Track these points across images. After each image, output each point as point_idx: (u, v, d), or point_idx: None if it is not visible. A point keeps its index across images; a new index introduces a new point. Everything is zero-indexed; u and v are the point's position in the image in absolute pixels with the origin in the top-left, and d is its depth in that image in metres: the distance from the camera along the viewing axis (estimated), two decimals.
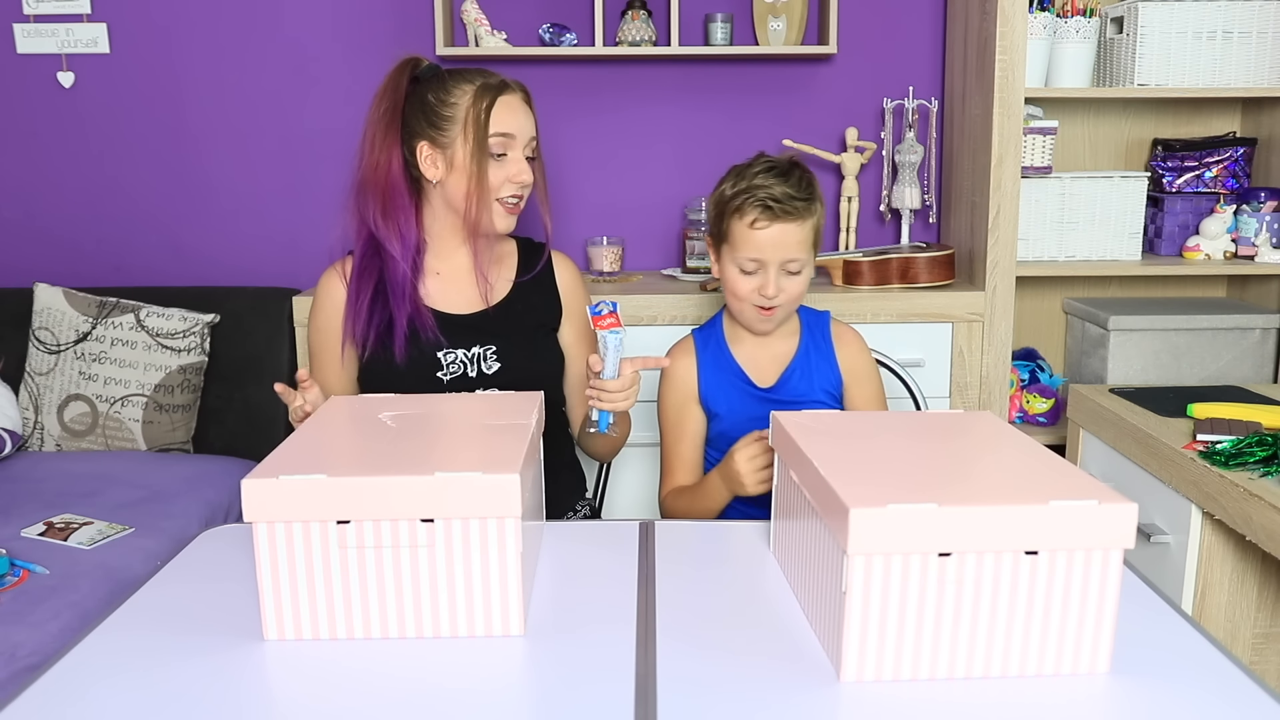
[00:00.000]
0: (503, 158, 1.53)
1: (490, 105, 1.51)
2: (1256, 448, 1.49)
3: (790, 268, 1.50)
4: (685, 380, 1.60)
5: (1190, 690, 0.86)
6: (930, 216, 2.52)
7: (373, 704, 0.84)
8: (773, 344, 1.60)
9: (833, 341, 1.61)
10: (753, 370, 1.59)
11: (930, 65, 2.49)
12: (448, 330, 1.56)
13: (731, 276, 1.53)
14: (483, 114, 1.51)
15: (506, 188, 1.54)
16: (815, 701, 0.84)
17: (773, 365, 1.59)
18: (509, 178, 1.53)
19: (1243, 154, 2.41)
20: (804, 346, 1.60)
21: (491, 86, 1.52)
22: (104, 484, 2.01)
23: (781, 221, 1.48)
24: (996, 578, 0.85)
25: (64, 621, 1.53)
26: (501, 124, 1.52)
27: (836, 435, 1.04)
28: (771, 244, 1.48)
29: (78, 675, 0.89)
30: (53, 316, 2.27)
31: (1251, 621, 1.64)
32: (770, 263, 1.49)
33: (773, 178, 1.49)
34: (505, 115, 1.52)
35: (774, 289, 1.49)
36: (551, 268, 1.67)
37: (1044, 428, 2.37)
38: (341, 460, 0.96)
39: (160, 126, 2.50)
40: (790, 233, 1.49)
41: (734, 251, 1.52)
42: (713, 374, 1.59)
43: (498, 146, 1.52)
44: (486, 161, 1.51)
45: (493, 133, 1.51)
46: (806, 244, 1.51)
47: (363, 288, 1.55)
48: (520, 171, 1.54)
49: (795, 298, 1.53)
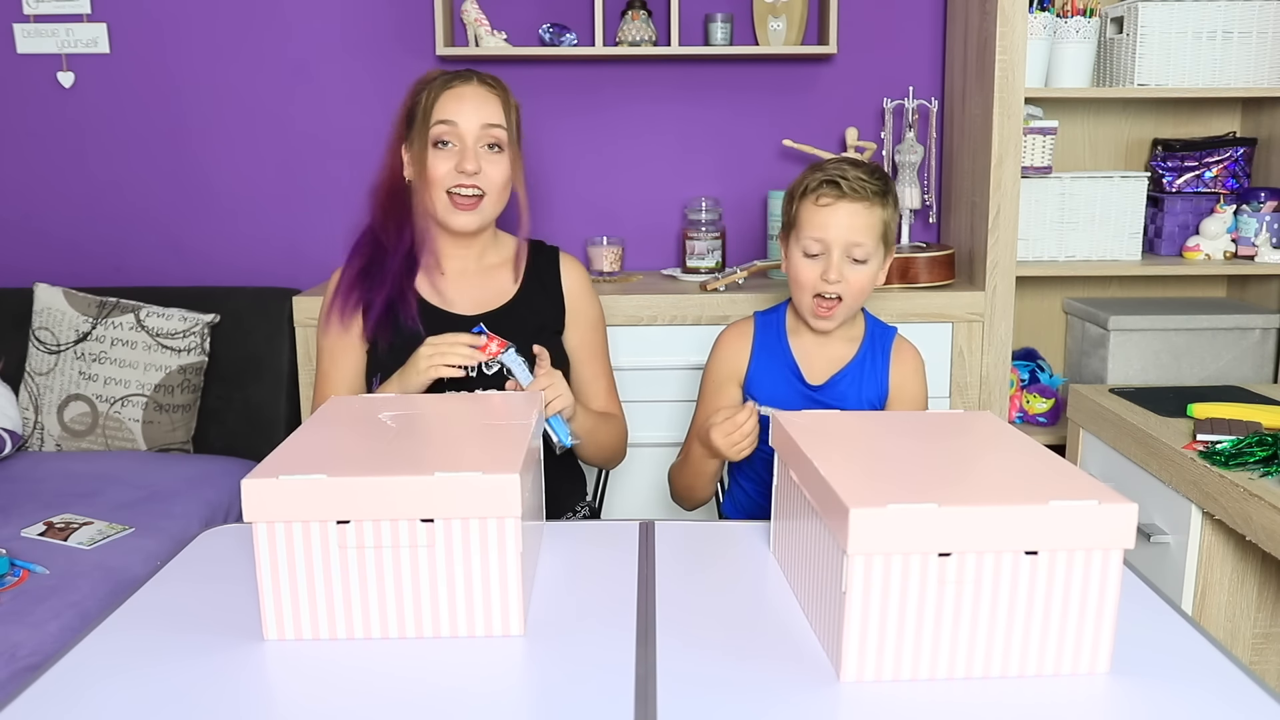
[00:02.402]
0: (445, 147, 1.50)
1: (435, 96, 1.50)
2: (1256, 448, 1.49)
3: (855, 254, 1.47)
4: (734, 361, 1.59)
5: (1190, 690, 0.86)
6: (930, 216, 2.52)
7: (373, 704, 0.84)
8: (831, 345, 1.57)
9: (890, 356, 1.58)
10: (805, 365, 1.57)
11: (930, 65, 2.49)
12: (450, 330, 1.54)
13: (795, 262, 1.51)
14: (425, 103, 1.50)
15: (450, 178, 1.50)
16: (815, 701, 0.84)
17: (827, 365, 1.57)
18: (454, 167, 1.50)
19: (1243, 154, 2.41)
20: (862, 353, 1.57)
21: (446, 77, 1.52)
22: (104, 484, 2.01)
23: (849, 201, 1.46)
24: (996, 578, 0.85)
25: (64, 621, 1.53)
26: (444, 112, 1.50)
27: (836, 435, 1.04)
28: (836, 223, 1.46)
29: (78, 675, 0.89)
30: (53, 316, 2.27)
31: (1251, 621, 1.64)
32: (834, 244, 1.46)
33: (847, 164, 1.49)
34: (449, 103, 1.50)
35: (836, 274, 1.46)
36: (559, 271, 1.66)
37: (1044, 428, 2.37)
38: (341, 460, 0.96)
39: (160, 126, 2.50)
40: (857, 214, 1.46)
41: (799, 235, 1.50)
42: (764, 360, 1.58)
43: (439, 135, 1.50)
44: (427, 152, 1.50)
45: (435, 121, 1.49)
46: (874, 233, 1.48)
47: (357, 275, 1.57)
48: (464, 161, 1.49)
49: (858, 293, 1.49)
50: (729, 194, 2.52)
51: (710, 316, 2.17)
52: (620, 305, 2.15)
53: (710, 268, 2.39)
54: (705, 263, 2.39)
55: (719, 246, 2.41)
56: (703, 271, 2.38)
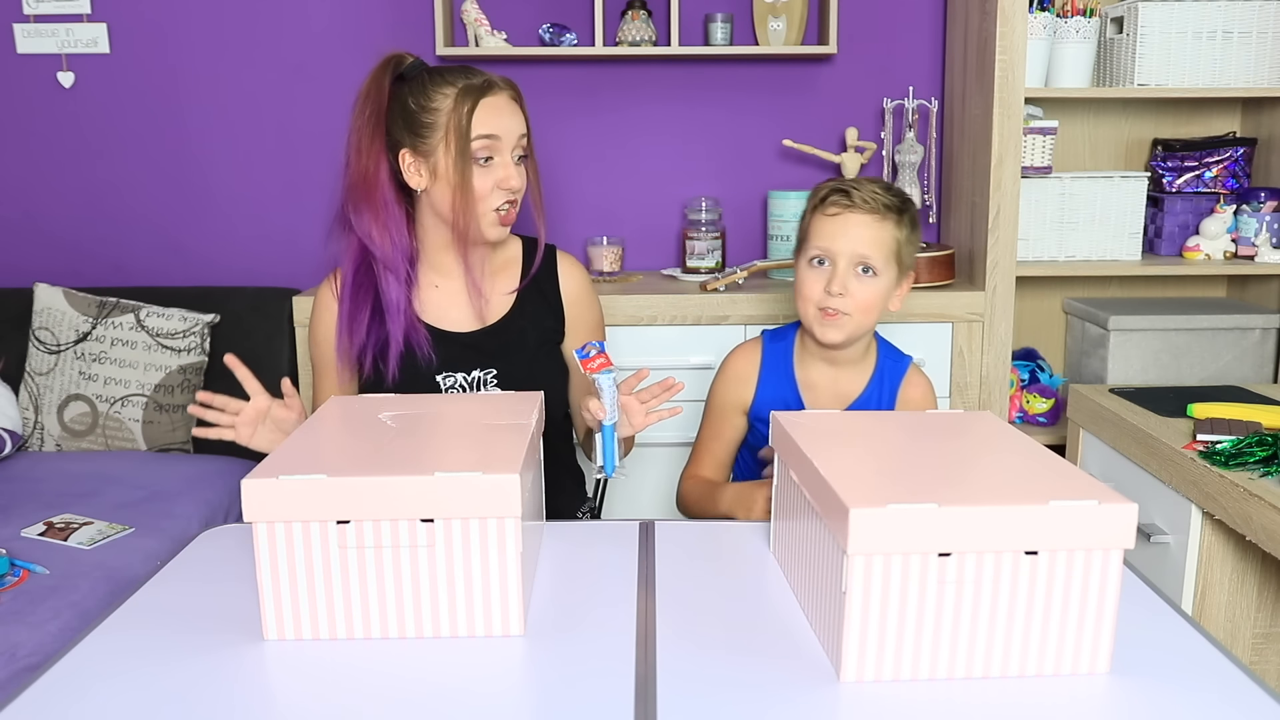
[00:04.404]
0: (489, 162, 1.44)
1: (472, 109, 1.42)
2: (1256, 448, 1.49)
3: (862, 265, 1.42)
4: (741, 390, 1.53)
5: (1190, 690, 0.86)
6: (930, 216, 2.52)
7: (373, 704, 0.84)
8: (841, 381, 1.51)
9: (899, 392, 1.51)
10: (811, 401, 1.51)
11: (930, 65, 2.49)
12: (447, 350, 1.51)
13: (801, 274, 1.46)
14: (464, 119, 1.41)
15: (495, 195, 1.45)
16: (815, 701, 0.84)
17: (834, 401, 1.51)
18: (497, 184, 1.44)
19: (1243, 154, 2.41)
20: (870, 389, 1.51)
21: (474, 88, 1.43)
22: (104, 484, 2.01)
23: (859, 212, 1.41)
24: (996, 578, 0.85)
25: (64, 621, 1.53)
26: (485, 126, 1.42)
27: (836, 435, 1.04)
28: (844, 233, 1.41)
29: (78, 675, 0.89)
30: (53, 316, 2.27)
31: (1251, 621, 1.64)
32: (840, 255, 1.41)
33: (866, 180, 1.45)
34: (489, 117, 1.43)
35: (840, 285, 1.40)
36: (556, 273, 1.60)
37: (1044, 428, 2.37)
38: (341, 460, 0.96)
39: (160, 126, 2.50)
40: (866, 225, 1.41)
41: (807, 246, 1.46)
42: (771, 391, 1.52)
43: (482, 150, 1.43)
44: (470, 169, 1.43)
45: (475, 135, 1.42)
46: (883, 248, 1.42)
47: (357, 306, 1.49)
48: (509, 176, 1.45)
49: (864, 308, 1.42)
50: (729, 194, 2.52)
51: (710, 316, 2.17)
52: (620, 305, 2.15)
53: (710, 268, 2.39)
54: (705, 263, 2.39)
55: (719, 246, 2.41)
56: (703, 271, 2.38)
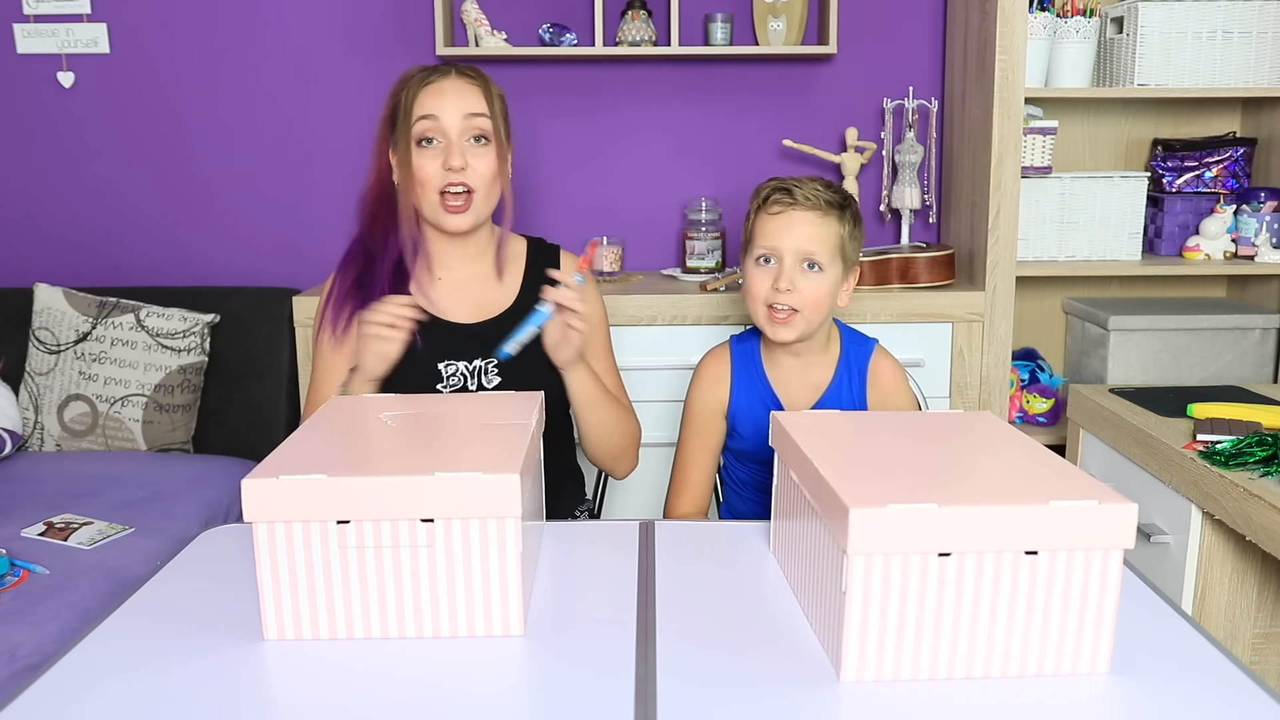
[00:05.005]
0: (429, 144, 1.45)
1: (415, 92, 1.45)
2: (1256, 448, 1.49)
3: (808, 261, 1.44)
4: (716, 394, 1.55)
5: (1190, 690, 0.86)
6: (930, 216, 2.52)
7: (373, 704, 0.84)
8: (809, 371, 1.53)
9: (867, 377, 1.53)
10: (785, 395, 1.52)
11: (930, 65, 2.49)
12: (450, 340, 1.52)
13: (749, 274, 1.48)
14: (405, 101, 1.46)
15: (439, 177, 1.44)
16: (815, 701, 0.84)
17: (806, 392, 1.52)
18: (442, 165, 1.44)
19: (1243, 154, 2.41)
20: (839, 376, 1.52)
21: (424, 72, 1.48)
22: (104, 484, 2.01)
23: (800, 209, 1.43)
24: (996, 578, 0.85)
25: (64, 621, 1.53)
26: (424, 107, 1.44)
27: (836, 435, 1.04)
28: (788, 230, 1.43)
29: (78, 675, 0.89)
30: (53, 316, 2.27)
31: (1251, 621, 1.64)
32: (785, 252, 1.43)
33: (806, 178, 1.46)
34: (429, 98, 1.45)
35: (787, 282, 1.42)
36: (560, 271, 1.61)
37: (1044, 428, 2.37)
38: (341, 460, 0.96)
39: (160, 126, 2.50)
40: (809, 222, 1.43)
41: (753, 246, 1.48)
42: (745, 392, 1.54)
43: (422, 132, 1.44)
44: (410, 150, 1.45)
45: (416, 117, 1.44)
46: (828, 244, 1.44)
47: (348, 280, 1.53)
48: (450, 156, 1.43)
49: (813, 304, 1.44)
50: (729, 194, 2.52)
51: (710, 316, 2.17)
52: (620, 305, 2.15)
53: (710, 268, 2.39)
54: (705, 263, 2.39)
55: (719, 246, 2.41)
56: (703, 271, 2.38)
